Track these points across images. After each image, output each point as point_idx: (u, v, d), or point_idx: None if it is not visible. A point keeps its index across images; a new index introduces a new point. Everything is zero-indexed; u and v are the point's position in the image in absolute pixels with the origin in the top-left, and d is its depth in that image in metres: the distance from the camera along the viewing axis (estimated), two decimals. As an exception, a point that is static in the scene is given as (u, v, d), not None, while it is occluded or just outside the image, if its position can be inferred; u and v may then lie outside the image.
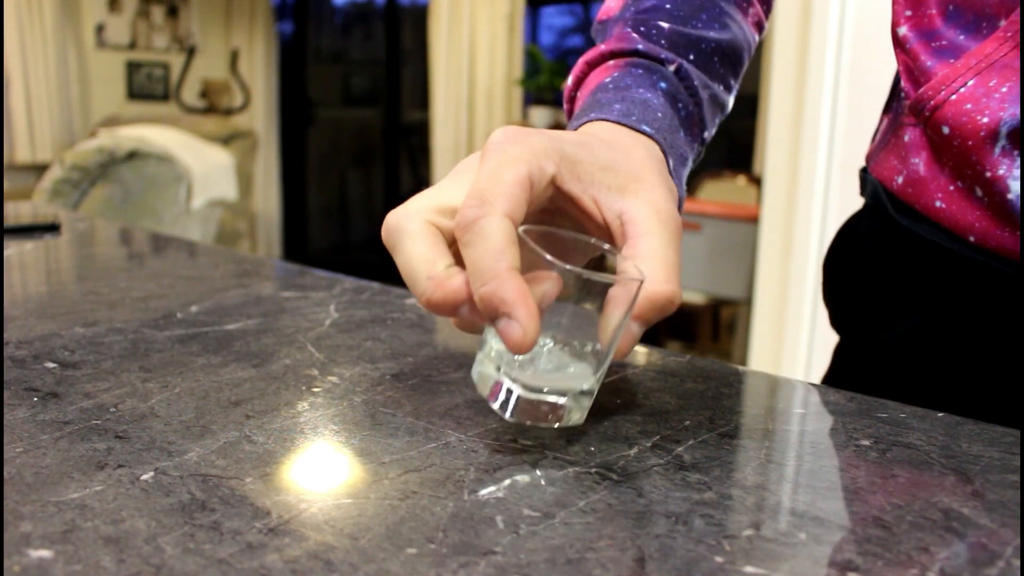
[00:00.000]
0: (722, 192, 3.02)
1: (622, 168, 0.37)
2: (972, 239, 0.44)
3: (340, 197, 5.49)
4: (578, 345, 0.34)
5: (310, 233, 5.44)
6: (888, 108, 0.55)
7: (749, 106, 3.11)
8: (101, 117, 4.57)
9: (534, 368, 0.34)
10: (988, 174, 0.42)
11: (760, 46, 0.57)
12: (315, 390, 0.41)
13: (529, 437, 0.36)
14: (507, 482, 0.32)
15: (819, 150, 1.99)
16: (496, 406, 0.34)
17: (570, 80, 0.49)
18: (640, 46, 0.47)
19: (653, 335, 2.91)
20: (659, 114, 0.43)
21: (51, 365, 0.44)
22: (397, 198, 5.03)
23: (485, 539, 0.27)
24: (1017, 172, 0.42)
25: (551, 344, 0.34)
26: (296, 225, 5.34)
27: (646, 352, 0.50)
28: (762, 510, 0.30)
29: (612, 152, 0.38)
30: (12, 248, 0.76)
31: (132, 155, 3.36)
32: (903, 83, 0.50)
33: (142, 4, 4.75)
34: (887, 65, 0.52)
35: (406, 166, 5.07)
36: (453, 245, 0.35)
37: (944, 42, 0.46)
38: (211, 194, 3.71)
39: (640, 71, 0.45)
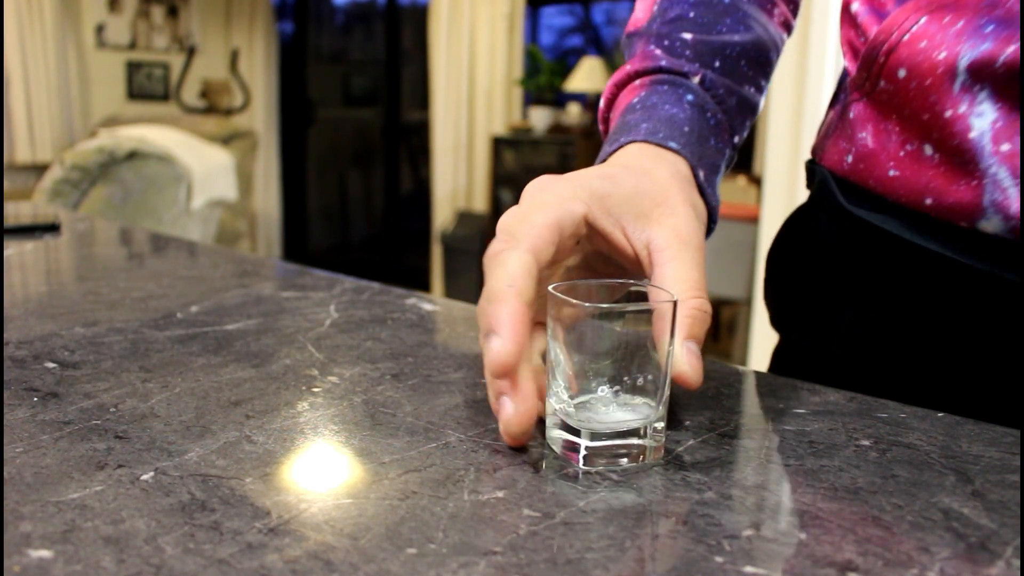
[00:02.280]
0: (722, 192, 3.01)
1: (647, 193, 0.40)
2: (928, 201, 0.44)
3: (340, 197, 5.49)
4: (637, 381, 0.34)
5: (310, 233, 5.44)
6: (833, 102, 0.55)
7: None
8: (101, 117, 4.57)
9: (598, 413, 0.34)
10: (948, 113, 0.42)
11: None
12: (315, 390, 0.41)
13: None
14: (507, 482, 0.32)
15: (819, 150, 1.99)
16: (573, 461, 0.34)
17: (602, 103, 0.52)
18: (663, 62, 0.48)
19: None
20: (686, 128, 0.45)
21: (51, 365, 0.44)
22: (397, 198, 5.03)
23: (485, 539, 0.27)
24: (979, 108, 0.41)
25: (607, 388, 0.34)
26: (296, 225, 5.34)
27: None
28: (762, 510, 0.30)
29: (636, 179, 0.40)
30: (12, 248, 0.76)
31: (132, 155, 3.36)
32: (846, 62, 0.51)
33: (142, 4, 4.75)
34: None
35: (406, 166, 5.07)
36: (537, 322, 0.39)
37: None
38: (211, 194, 3.71)
39: (665, 87, 0.47)
